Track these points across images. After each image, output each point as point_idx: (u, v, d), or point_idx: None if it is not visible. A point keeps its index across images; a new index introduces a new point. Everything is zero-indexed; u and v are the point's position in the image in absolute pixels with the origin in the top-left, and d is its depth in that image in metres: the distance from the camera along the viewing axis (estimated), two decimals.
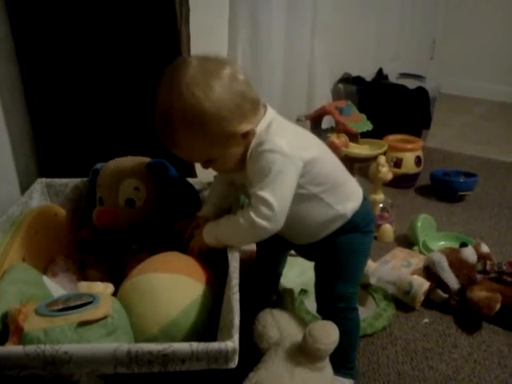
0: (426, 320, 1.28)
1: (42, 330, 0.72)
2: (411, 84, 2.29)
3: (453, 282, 1.30)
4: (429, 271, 1.34)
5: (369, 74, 2.50)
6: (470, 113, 3.22)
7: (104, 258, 1.10)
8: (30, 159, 1.23)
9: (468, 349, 1.19)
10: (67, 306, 0.77)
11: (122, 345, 0.67)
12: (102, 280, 1.03)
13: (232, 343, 0.69)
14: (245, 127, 0.89)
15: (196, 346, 0.68)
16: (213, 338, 0.85)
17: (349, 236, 1.00)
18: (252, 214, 0.88)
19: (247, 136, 0.90)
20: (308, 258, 1.12)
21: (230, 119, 0.87)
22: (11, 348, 0.69)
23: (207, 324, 0.86)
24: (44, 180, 1.17)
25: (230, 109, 0.86)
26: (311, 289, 1.34)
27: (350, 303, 1.01)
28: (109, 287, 0.89)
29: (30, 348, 0.67)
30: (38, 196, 1.14)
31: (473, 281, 1.31)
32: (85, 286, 0.88)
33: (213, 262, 0.97)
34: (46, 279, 0.94)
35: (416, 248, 1.57)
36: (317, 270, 1.05)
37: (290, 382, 0.89)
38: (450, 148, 2.53)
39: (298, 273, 1.39)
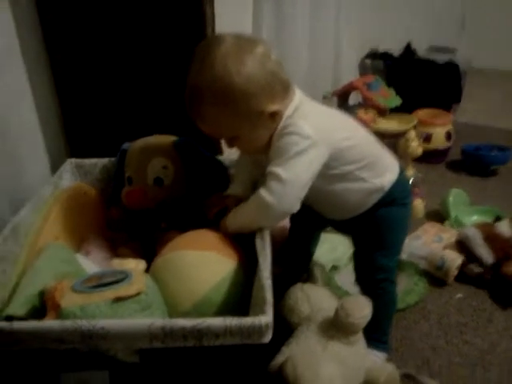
0: (460, 295, 1.26)
1: (78, 306, 0.73)
2: (441, 57, 2.22)
3: (487, 256, 1.27)
4: (462, 246, 1.31)
5: (397, 49, 2.43)
6: (501, 87, 3.11)
7: (134, 236, 1.11)
8: (59, 140, 1.24)
9: (503, 323, 1.17)
10: (102, 283, 0.79)
11: (156, 320, 0.67)
12: (133, 257, 1.06)
13: (265, 318, 0.69)
14: (272, 107, 0.88)
15: (230, 320, 0.68)
16: (244, 314, 0.85)
17: (387, 209, 0.99)
18: (262, 192, 0.87)
19: (274, 117, 0.89)
20: (346, 232, 1.12)
21: (258, 97, 0.86)
22: (50, 323, 0.70)
23: (238, 300, 0.86)
24: (74, 160, 1.19)
25: (260, 86, 0.85)
26: (342, 264, 1.36)
27: (390, 275, 1.01)
28: (141, 264, 0.90)
29: (67, 323, 0.68)
30: (69, 176, 1.15)
31: (508, 255, 1.28)
32: (118, 263, 0.89)
33: (242, 240, 0.96)
34: (79, 257, 0.96)
35: (447, 223, 1.54)
36: (356, 242, 1.05)
37: (322, 356, 0.88)
38: (481, 122, 2.45)
39: (328, 249, 1.38)
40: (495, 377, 1.03)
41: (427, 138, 1.92)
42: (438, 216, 1.61)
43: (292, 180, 0.86)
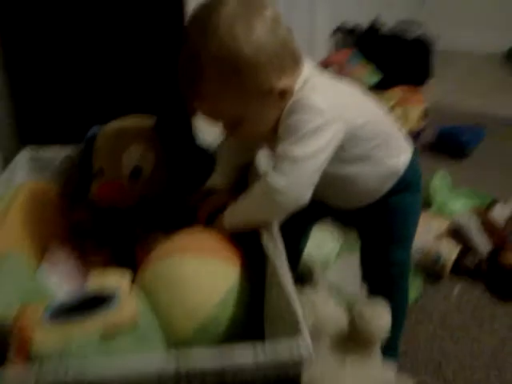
0: (457, 289, 1.19)
1: (57, 343, 0.57)
2: (410, 32, 2.15)
3: (484, 245, 1.21)
4: (457, 235, 1.24)
5: (364, 24, 2.33)
6: (458, 66, 3.09)
7: (105, 242, 0.94)
8: (9, 125, 1.03)
9: (508, 318, 1.11)
10: (81, 309, 0.63)
11: (167, 363, 0.52)
12: (106, 267, 0.89)
13: (304, 343, 0.55)
14: (283, 84, 0.75)
15: (260, 353, 0.54)
16: (254, 331, 0.72)
17: (401, 196, 0.89)
18: (270, 175, 0.74)
19: (284, 95, 0.76)
20: (350, 223, 1.01)
21: (268, 70, 0.72)
22: (21, 372, 0.53)
23: (246, 316, 0.73)
24: (29, 150, 0.99)
25: (270, 57, 0.72)
26: (331, 262, 1.25)
27: (405, 270, 0.93)
28: (125, 277, 0.74)
29: (46, 371, 0.52)
30: (23, 170, 0.96)
31: (504, 243, 1.22)
32: (96, 278, 0.72)
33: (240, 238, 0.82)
34: (43, 271, 0.78)
35: (432, 209, 1.46)
36: (365, 234, 0.95)
37: (341, 374, 0.78)
38: (449, 102, 2.40)
39: (315, 245, 1.26)
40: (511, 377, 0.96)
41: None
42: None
43: (307, 160, 0.74)
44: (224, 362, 0.53)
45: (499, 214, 1.25)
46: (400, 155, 0.89)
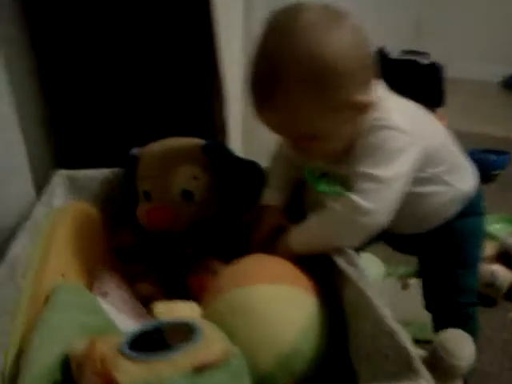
0: None
1: (144, 382, 0.49)
2: (422, 59, 2.15)
3: None
4: (507, 258, 1.18)
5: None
6: (460, 93, 3.11)
7: (152, 267, 0.87)
8: (43, 146, 0.96)
9: None
10: (161, 344, 0.55)
11: None
12: (157, 295, 0.82)
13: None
14: (364, 98, 0.69)
15: None
16: (334, 364, 0.65)
17: (466, 220, 0.85)
18: (354, 197, 0.68)
19: (364, 110, 0.70)
20: (411, 252, 0.95)
21: (351, 81, 0.67)
22: None
23: (328, 346, 0.66)
24: (65, 172, 0.92)
25: (355, 68, 0.67)
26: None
27: (473, 297, 0.88)
28: (195, 309, 0.66)
29: None
30: (61, 192, 0.88)
31: None
32: (163, 310, 0.65)
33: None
34: (101, 301, 0.70)
35: None
36: (428, 262, 0.89)
37: None
38: (457, 127, 2.39)
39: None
40: None
41: None
42: None
43: (393, 181, 0.69)
44: None
45: None
46: (469, 179, 0.85)
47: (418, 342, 0.90)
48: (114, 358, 0.51)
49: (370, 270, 1.21)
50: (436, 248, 0.87)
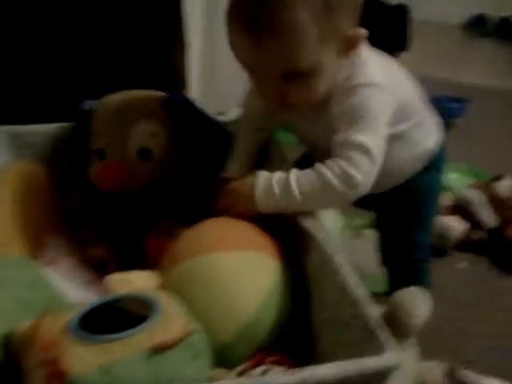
0: (464, 264, 1.17)
1: (97, 368, 0.47)
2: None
3: (490, 220, 1.19)
4: (462, 209, 1.21)
5: None
6: (419, 34, 3.06)
7: (106, 231, 0.82)
8: None
9: None
10: (112, 320, 0.53)
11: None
12: (110, 260, 0.79)
13: (391, 356, 0.49)
14: (357, 32, 0.67)
15: (347, 368, 0.47)
16: (294, 331, 0.65)
17: (427, 176, 0.84)
18: (344, 165, 0.66)
19: (355, 46, 0.67)
20: (369, 207, 0.94)
21: (349, 11, 0.64)
22: None
23: (290, 312, 0.65)
24: (5, 128, 0.84)
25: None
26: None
27: (427, 253, 0.90)
28: (151, 279, 0.64)
29: None
30: (4, 150, 0.81)
31: (510, 217, 1.20)
32: (118, 281, 0.62)
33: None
34: (49, 270, 0.67)
35: None
36: (385, 217, 0.90)
37: None
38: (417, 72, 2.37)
39: None
40: None
41: None
42: None
43: (380, 150, 0.68)
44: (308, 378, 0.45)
45: (504, 188, 1.23)
46: (433, 135, 0.84)
47: (372, 294, 0.92)
48: (62, 341, 0.49)
49: (328, 223, 1.21)
50: (394, 206, 0.86)
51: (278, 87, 0.67)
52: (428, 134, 0.82)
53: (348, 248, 1.15)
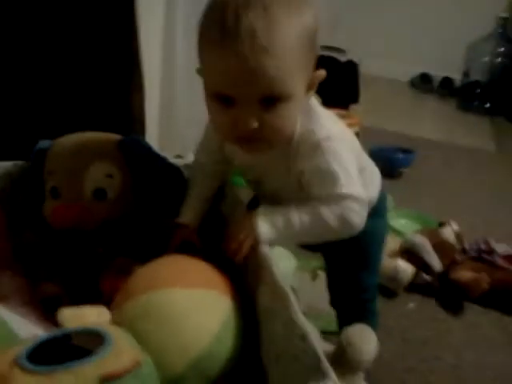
0: (412, 305, 1.22)
1: None
2: (341, 56, 2.22)
3: (437, 264, 1.24)
4: (410, 254, 1.27)
5: None
6: (370, 89, 3.24)
7: (59, 268, 0.82)
8: None
9: (462, 332, 1.15)
10: (63, 353, 0.53)
11: None
12: (62, 296, 0.79)
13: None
14: (319, 72, 0.70)
15: None
16: (246, 364, 0.67)
17: (371, 222, 0.83)
18: (344, 211, 0.72)
19: (313, 87, 0.71)
20: (316, 249, 0.96)
21: (317, 50, 0.68)
22: None
23: (240, 347, 0.67)
24: None
25: (316, 42, 0.67)
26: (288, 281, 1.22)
27: (375, 295, 0.93)
28: (103, 314, 0.64)
29: None
30: None
31: (454, 261, 1.27)
32: (69, 316, 0.62)
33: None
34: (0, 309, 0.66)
35: None
36: (333, 262, 0.92)
37: None
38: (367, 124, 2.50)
39: None
40: None
41: None
42: None
43: (361, 190, 0.74)
44: None
45: (450, 234, 1.30)
46: (375, 183, 0.88)
47: (325, 333, 0.94)
48: (9, 373, 0.48)
49: (282, 264, 1.24)
50: (341, 250, 0.88)
51: (255, 114, 0.64)
52: (371, 183, 0.85)
53: (304, 288, 1.19)
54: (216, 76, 0.64)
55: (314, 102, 0.76)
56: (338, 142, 0.72)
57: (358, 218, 0.73)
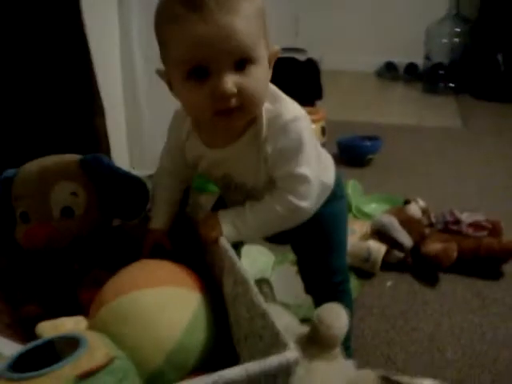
0: (390, 283, 1.26)
1: None
2: (300, 55, 2.28)
3: (407, 240, 1.29)
4: (380, 234, 1.32)
5: None
6: (337, 84, 3.32)
7: (35, 289, 0.86)
8: None
9: (437, 302, 1.20)
10: (43, 360, 0.57)
11: None
12: (44, 317, 0.82)
13: (291, 353, 0.55)
14: (276, 48, 0.75)
15: (251, 368, 0.53)
16: (222, 350, 0.71)
17: (331, 205, 0.91)
18: (292, 198, 0.76)
19: (271, 63, 0.74)
20: (284, 241, 1.01)
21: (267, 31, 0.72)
22: None
23: (213, 337, 0.71)
24: None
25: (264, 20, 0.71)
26: (268, 275, 1.26)
27: (346, 275, 0.96)
28: (80, 322, 0.68)
29: None
30: None
31: (423, 235, 1.32)
32: (47, 328, 0.66)
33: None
34: None
35: (350, 214, 1.54)
36: (300, 249, 0.95)
37: (311, 380, 0.78)
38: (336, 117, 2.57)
39: (249, 262, 1.27)
40: (452, 355, 1.03)
41: None
42: None
43: (315, 173, 0.78)
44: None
45: (415, 210, 1.35)
46: (329, 168, 0.91)
47: (308, 320, 0.98)
48: None
49: (260, 260, 1.28)
50: (306, 238, 0.91)
51: (232, 79, 0.66)
52: (326, 168, 0.90)
53: (285, 279, 1.23)
54: (188, 50, 0.65)
55: (277, 89, 0.79)
56: (304, 121, 0.76)
57: (307, 203, 0.77)
